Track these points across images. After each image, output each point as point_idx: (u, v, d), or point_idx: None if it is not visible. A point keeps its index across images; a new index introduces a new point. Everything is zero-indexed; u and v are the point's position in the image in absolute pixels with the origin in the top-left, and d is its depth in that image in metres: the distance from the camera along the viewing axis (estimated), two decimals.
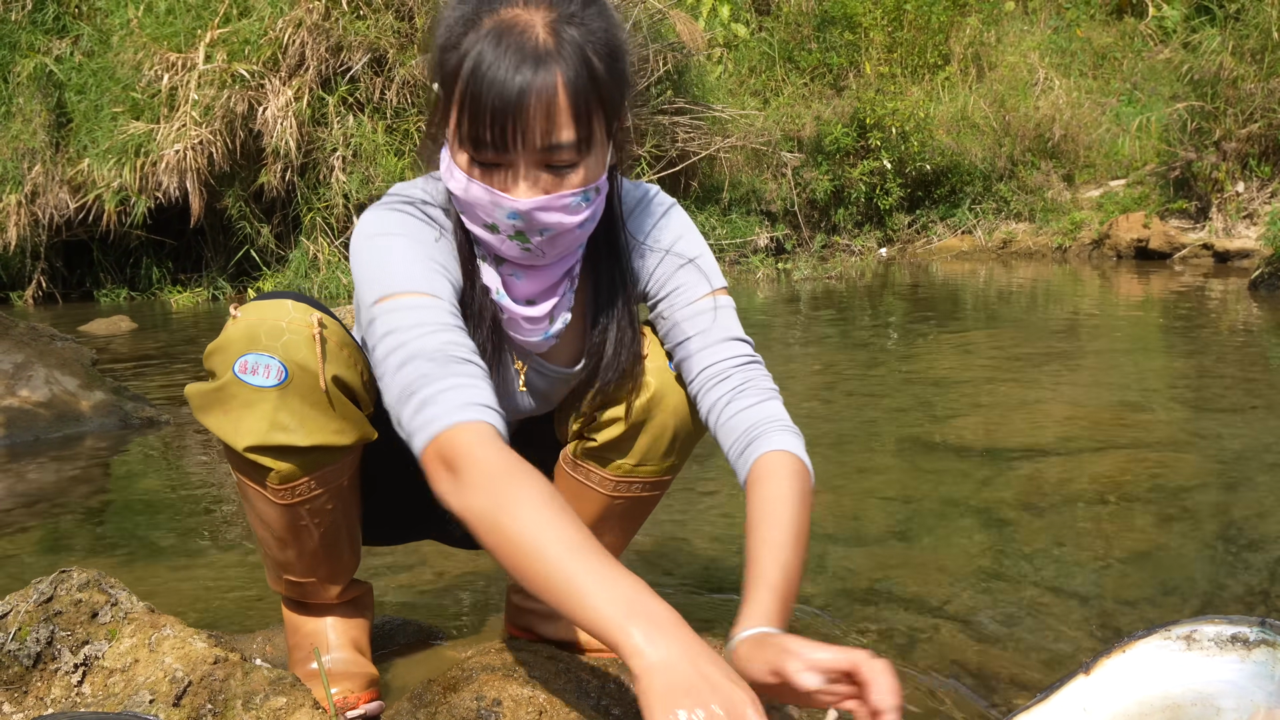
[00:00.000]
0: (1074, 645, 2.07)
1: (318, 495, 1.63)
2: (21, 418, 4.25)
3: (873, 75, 11.04)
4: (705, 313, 1.64)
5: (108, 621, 1.56)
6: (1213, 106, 9.29)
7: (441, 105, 1.46)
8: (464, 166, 1.45)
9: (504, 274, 1.58)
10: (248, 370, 1.51)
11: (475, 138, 1.40)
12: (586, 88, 1.40)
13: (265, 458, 1.56)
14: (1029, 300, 7.49)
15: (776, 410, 1.59)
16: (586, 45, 1.41)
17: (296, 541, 1.68)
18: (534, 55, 1.37)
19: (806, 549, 1.48)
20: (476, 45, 1.38)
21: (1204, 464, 3.25)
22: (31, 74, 9.63)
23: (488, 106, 1.37)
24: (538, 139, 1.39)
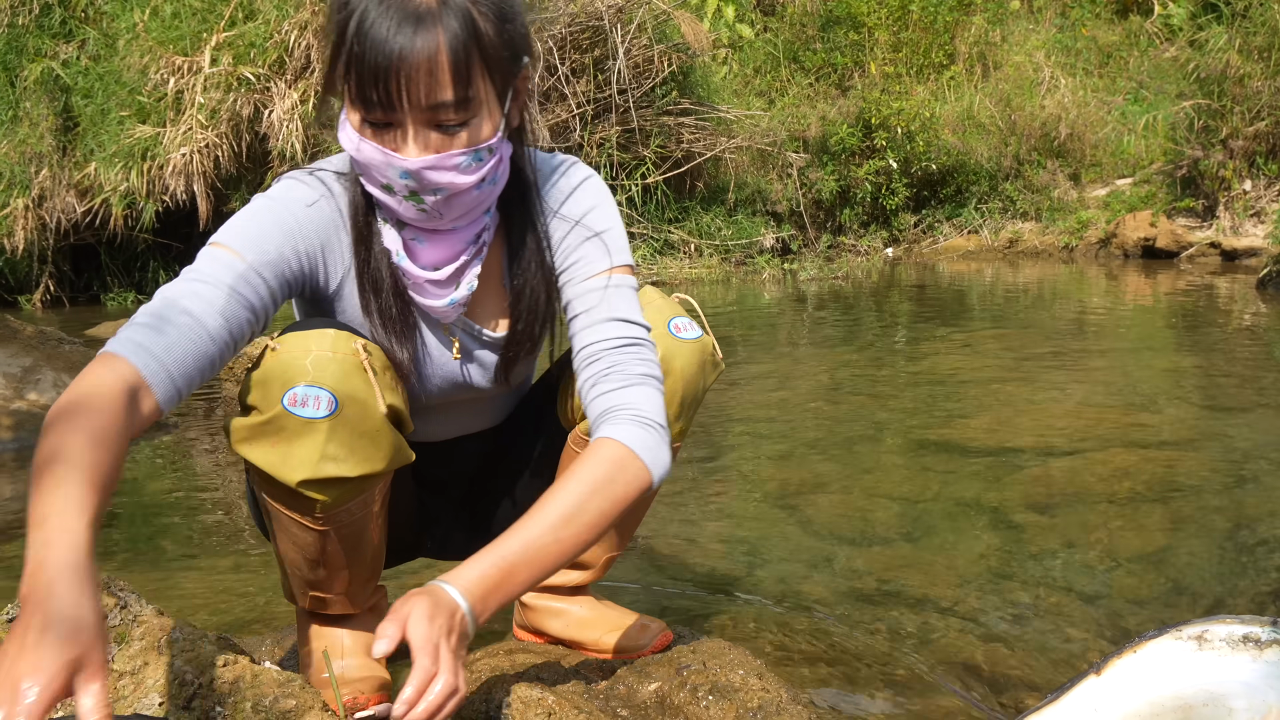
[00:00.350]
0: (1084, 645, 2.06)
1: (359, 518, 1.62)
2: (30, 421, 4.25)
3: (878, 75, 11.03)
4: (596, 290, 1.61)
5: (117, 624, 1.56)
6: (1219, 104, 9.27)
7: (330, 64, 1.46)
8: (356, 126, 1.46)
9: (406, 238, 1.58)
10: (297, 403, 1.49)
11: (363, 98, 1.42)
12: (469, 47, 1.41)
13: (311, 490, 1.53)
14: (1036, 300, 7.48)
15: (633, 397, 1.54)
16: (472, 5, 1.42)
17: (328, 561, 1.67)
18: (415, 14, 1.39)
19: (587, 531, 1.44)
20: (362, 4, 1.40)
21: (1213, 463, 3.24)
22: (38, 78, 9.65)
23: (371, 66, 1.39)
24: (422, 98, 1.40)
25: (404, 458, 1.61)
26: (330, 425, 1.50)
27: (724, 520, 2.96)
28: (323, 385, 1.49)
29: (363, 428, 1.52)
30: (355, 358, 1.52)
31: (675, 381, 1.70)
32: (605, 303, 1.60)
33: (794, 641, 2.09)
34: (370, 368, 1.53)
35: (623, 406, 1.53)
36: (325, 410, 1.49)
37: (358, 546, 1.68)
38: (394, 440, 1.58)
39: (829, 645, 2.07)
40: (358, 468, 1.53)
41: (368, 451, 1.54)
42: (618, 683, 1.73)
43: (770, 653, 2.02)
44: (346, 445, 1.52)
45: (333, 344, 1.52)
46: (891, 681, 1.92)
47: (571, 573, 1.91)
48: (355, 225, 1.59)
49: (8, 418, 4.22)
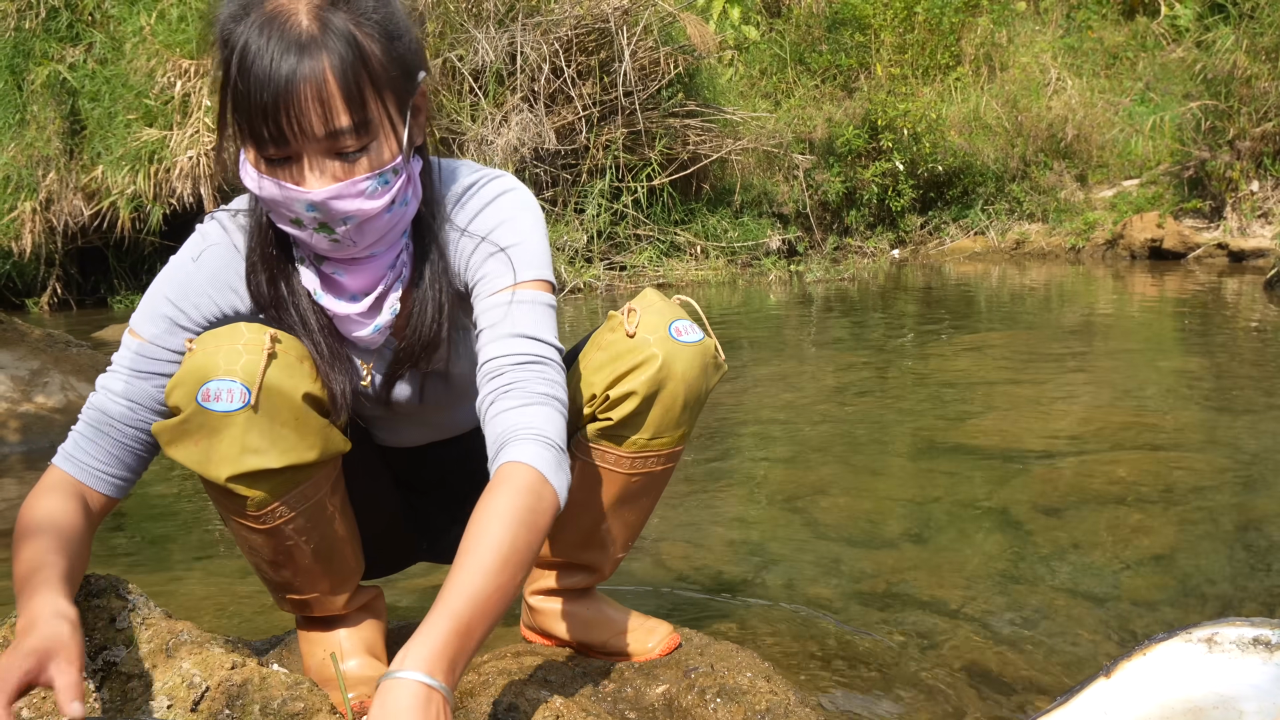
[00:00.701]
0: (1093, 648, 2.06)
1: (298, 514, 1.60)
2: (37, 423, 4.26)
3: (884, 77, 11.02)
4: (500, 306, 1.56)
5: (125, 627, 1.57)
6: (1227, 105, 9.25)
7: (222, 106, 1.45)
8: (254, 163, 1.44)
9: (327, 272, 1.57)
10: (210, 398, 1.48)
11: (255, 135, 1.39)
12: (357, 70, 1.39)
13: (239, 485, 1.53)
14: (1043, 301, 7.47)
15: (533, 417, 1.48)
16: (356, 27, 1.40)
17: (290, 562, 1.66)
18: (298, 43, 1.36)
19: (521, 569, 1.38)
20: (242, 39, 1.37)
21: (1221, 464, 3.23)
22: (45, 82, 9.67)
23: (258, 101, 1.36)
24: (315, 128, 1.38)
25: (334, 447, 1.58)
26: (246, 417, 1.49)
27: (732, 522, 2.95)
28: (234, 378, 1.48)
29: (281, 417, 1.51)
30: (265, 348, 1.50)
31: (677, 385, 1.68)
32: (508, 318, 1.55)
33: (802, 644, 2.08)
34: (271, 355, 1.50)
35: (525, 427, 1.47)
36: (239, 403, 1.48)
37: (317, 545, 1.66)
38: (319, 428, 1.55)
39: (837, 647, 2.07)
40: (281, 458, 1.52)
41: (290, 441, 1.52)
42: (625, 685, 1.73)
43: (778, 655, 2.02)
44: (267, 436, 1.50)
45: (244, 336, 1.51)
46: (900, 684, 1.92)
47: (578, 575, 1.91)
48: (266, 264, 1.57)
49: (15, 420, 4.23)
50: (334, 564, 1.71)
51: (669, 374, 1.66)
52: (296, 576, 1.69)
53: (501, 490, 1.42)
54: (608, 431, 1.73)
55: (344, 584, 1.76)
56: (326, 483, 1.63)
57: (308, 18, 1.37)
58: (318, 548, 1.66)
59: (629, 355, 1.66)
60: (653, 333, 1.66)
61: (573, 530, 1.84)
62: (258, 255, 1.56)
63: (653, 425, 1.70)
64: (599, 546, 1.85)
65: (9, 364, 4.40)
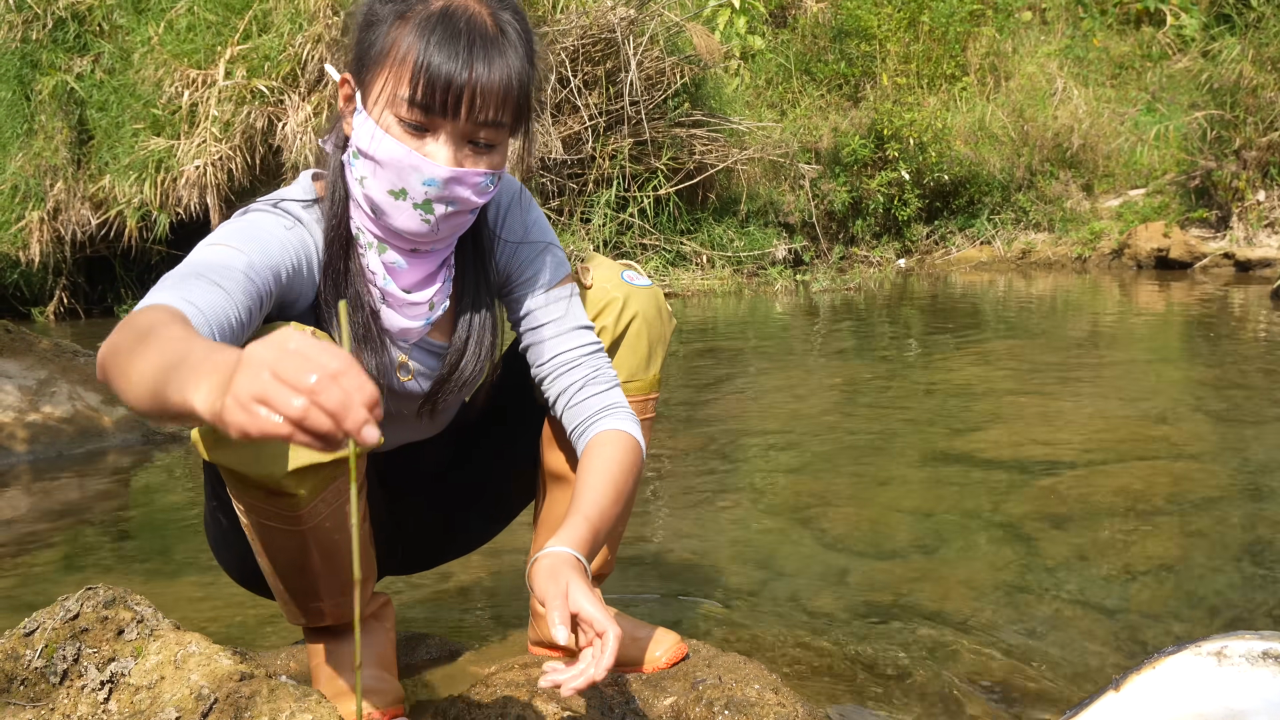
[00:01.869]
0: (1100, 660, 2.05)
1: (336, 508, 1.63)
2: (45, 433, 4.27)
3: (890, 86, 11.03)
4: (562, 300, 1.74)
5: (134, 638, 1.57)
6: (1232, 115, 9.24)
7: (365, 76, 1.54)
8: (391, 130, 1.51)
9: (387, 263, 1.64)
10: None
11: (424, 103, 1.48)
12: (523, 79, 1.52)
13: (291, 481, 1.54)
14: (1049, 311, 7.46)
15: (620, 397, 1.73)
16: (524, 41, 1.53)
17: (324, 562, 1.67)
18: (484, 36, 1.48)
19: (628, 510, 1.69)
20: (428, 23, 1.48)
21: (1228, 475, 3.23)
22: (53, 92, 9.70)
23: (441, 76, 1.46)
24: (475, 113, 1.49)
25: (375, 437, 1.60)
26: None
27: (738, 533, 2.95)
28: None
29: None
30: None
31: (639, 323, 1.81)
32: (570, 313, 1.74)
33: (810, 655, 2.08)
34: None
35: (618, 404, 1.72)
36: None
37: (341, 544, 1.68)
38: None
39: (845, 659, 2.06)
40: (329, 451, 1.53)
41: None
42: (633, 697, 1.73)
43: (786, 667, 2.02)
44: None
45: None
46: (907, 696, 1.92)
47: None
48: (330, 247, 1.62)
49: (23, 430, 4.24)
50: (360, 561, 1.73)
51: (631, 311, 1.80)
52: (319, 580, 1.70)
53: (612, 445, 1.66)
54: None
55: (361, 587, 1.77)
56: (360, 477, 1.65)
57: (489, 19, 1.50)
58: (341, 550, 1.67)
59: (592, 302, 1.80)
60: (608, 280, 1.80)
61: (567, 500, 1.85)
62: (335, 230, 1.62)
63: (625, 366, 1.82)
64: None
65: (16, 374, 4.41)
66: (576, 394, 1.71)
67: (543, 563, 1.51)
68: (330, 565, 1.69)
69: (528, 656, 1.97)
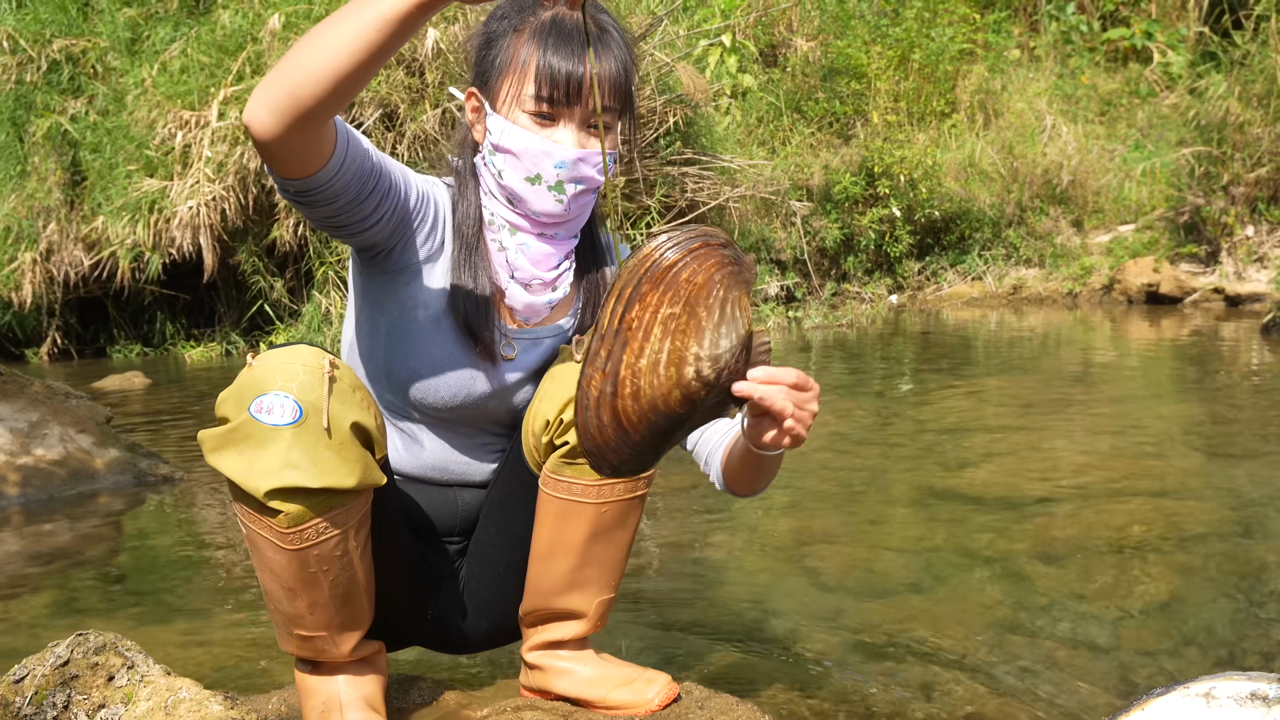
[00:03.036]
0: (1093, 698, 2.05)
1: (326, 540, 1.63)
2: (36, 476, 4.26)
3: (880, 124, 11.10)
4: None
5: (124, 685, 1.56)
6: (1220, 151, 9.31)
7: (491, 85, 1.77)
8: (520, 123, 1.73)
9: (518, 244, 1.82)
10: (263, 410, 1.55)
11: (550, 96, 1.71)
12: (629, 69, 1.76)
13: (276, 500, 1.58)
14: (1040, 346, 7.49)
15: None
16: (622, 37, 1.77)
17: (307, 591, 1.68)
18: (594, 35, 1.72)
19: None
20: (541, 30, 1.72)
21: (1221, 511, 3.23)
22: (47, 133, 9.73)
23: (562, 70, 1.70)
24: (603, 98, 1.73)
25: (372, 478, 1.65)
26: (294, 433, 1.56)
27: (731, 571, 2.95)
28: (289, 394, 1.56)
29: (327, 440, 1.58)
30: (323, 371, 1.59)
31: None
32: None
33: (802, 695, 2.08)
34: (330, 378, 1.60)
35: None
36: (290, 418, 1.56)
37: (335, 577, 1.68)
38: (361, 458, 1.63)
39: (837, 699, 2.06)
40: (320, 478, 1.58)
41: (331, 464, 1.59)
42: None
43: (779, 708, 2.01)
44: (309, 455, 1.57)
45: (304, 358, 1.60)
46: None
47: (567, 624, 1.91)
48: (463, 223, 1.82)
49: (14, 473, 4.23)
50: (348, 603, 1.73)
51: None
52: (311, 611, 1.70)
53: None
54: (568, 458, 1.77)
55: (352, 627, 1.77)
56: (355, 515, 1.67)
57: (592, 22, 1.73)
58: (336, 580, 1.68)
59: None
60: None
61: (552, 575, 1.85)
62: (469, 211, 1.83)
63: None
64: (579, 589, 1.86)
65: (8, 416, 4.40)
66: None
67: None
68: (321, 598, 1.69)
69: (520, 700, 1.96)
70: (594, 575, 1.85)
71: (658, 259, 1.33)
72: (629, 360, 1.34)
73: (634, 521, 1.86)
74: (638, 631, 2.50)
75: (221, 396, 1.60)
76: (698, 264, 1.34)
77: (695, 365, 1.35)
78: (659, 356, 1.34)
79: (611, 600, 1.92)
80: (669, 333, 1.33)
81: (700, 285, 1.34)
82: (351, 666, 1.82)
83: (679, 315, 1.34)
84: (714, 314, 1.36)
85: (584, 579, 1.85)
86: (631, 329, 1.33)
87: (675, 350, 1.34)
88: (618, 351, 1.33)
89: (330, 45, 1.42)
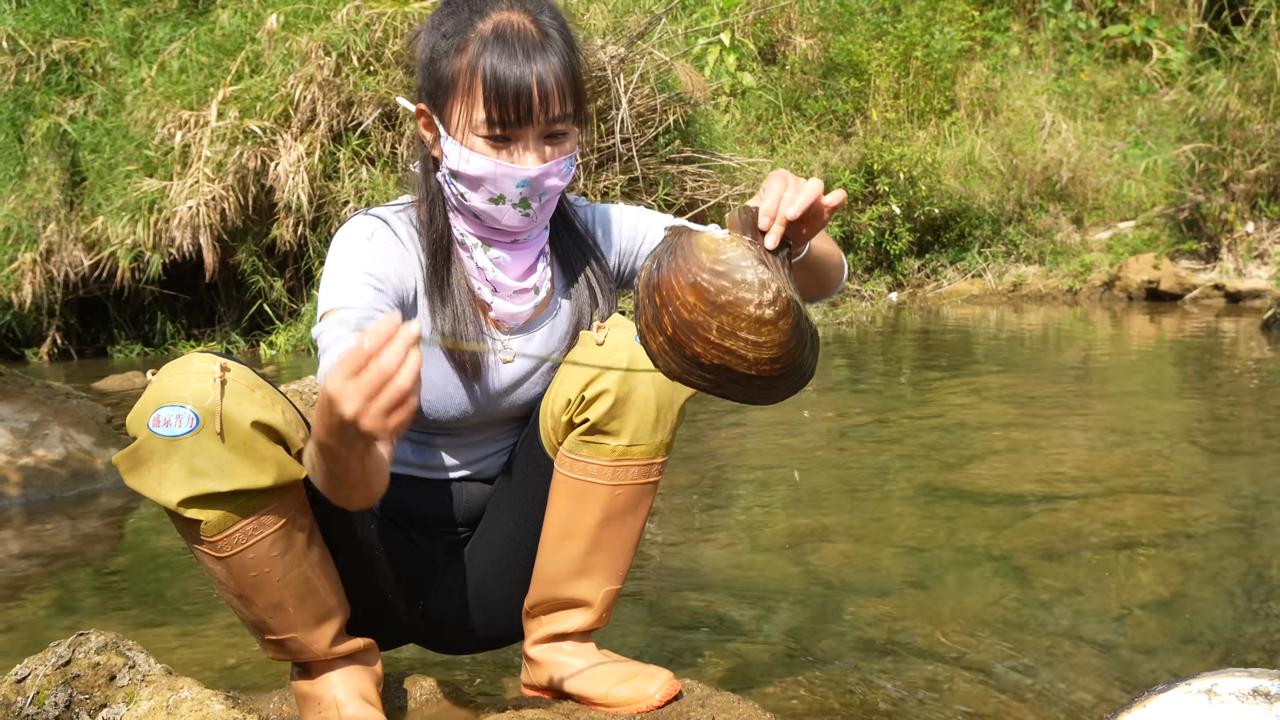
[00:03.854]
0: (1095, 696, 2.05)
1: (258, 542, 1.64)
2: (37, 476, 4.26)
3: (879, 121, 11.10)
4: (673, 224, 1.90)
5: (126, 684, 1.57)
6: (1220, 148, 9.31)
7: (441, 106, 1.73)
8: (475, 146, 1.69)
9: (493, 259, 1.81)
10: (161, 424, 1.57)
11: (500, 120, 1.66)
12: (574, 68, 1.71)
13: (193, 509, 1.59)
14: (1041, 343, 7.49)
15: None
16: (564, 37, 1.72)
17: (257, 595, 1.69)
18: (535, 46, 1.67)
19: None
20: (482, 47, 1.66)
21: (1222, 508, 3.23)
22: (46, 134, 9.73)
23: (509, 92, 1.65)
24: (548, 113, 1.68)
25: (289, 474, 1.66)
26: (193, 441, 1.57)
27: (732, 569, 2.95)
28: (184, 403, 1.57)
29: (230, 442, 1.59)
30: (213, 376, 1.60)
31: (647, 386, 1.79)
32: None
33: (803, 693, 2.08)
34: (221, 381, 1.60)
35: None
36: (187, 427, 1.57)
37: (282, 577, 1.68)
38: (271, 454, 1.63)
39: (839, 697, 2.06)
40: (229, 482, 1.59)
41: (239, 467, 1.59)
42: None
43: (780, 706, 2.01)
44: (214, 460, 1.58)
45: (196, 365, 1.61)
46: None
47: (573, 615, 1.91)
48: (433, 257, 1.79)
49: (16, 473, 4.23)
50: (307, 599, 1.73)
51: (637, 375, 1.79)
52: (269, 613, 1.71)
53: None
54: (587, 436, 1.79)
55: (320, 623, 1.77)
56: (286, 513, 1.66)
57: (532, 26, 1.69)
58: (284, 579, 1.69)
59: (599, 361, 1.80)
60: (620, 340, 1.79)
61: (561, 559, 1.85)
62: (436, 242, 1.80)
63: (629, 429, 1.78)
64: (588, 576, 1.87)
65: (9, 416, 4.40)
66: None
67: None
68: (266, 599, 1.70)
69: (521, 698, 1.96)
70: (603, 562, 1.86)
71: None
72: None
73: (644, 510, 1.86)
74: (639, 629, 2.50)
75: (129, 417, 1.61)
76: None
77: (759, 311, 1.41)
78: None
79: (617, 593, 1.92)
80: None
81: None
82: (341, 664, 1.83)
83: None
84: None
85: (593, 565, 1.85)
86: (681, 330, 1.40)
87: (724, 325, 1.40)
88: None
89: (340, 486, 1.45)
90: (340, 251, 1.74)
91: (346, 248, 1.74)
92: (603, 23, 9.38)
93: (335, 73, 8.77)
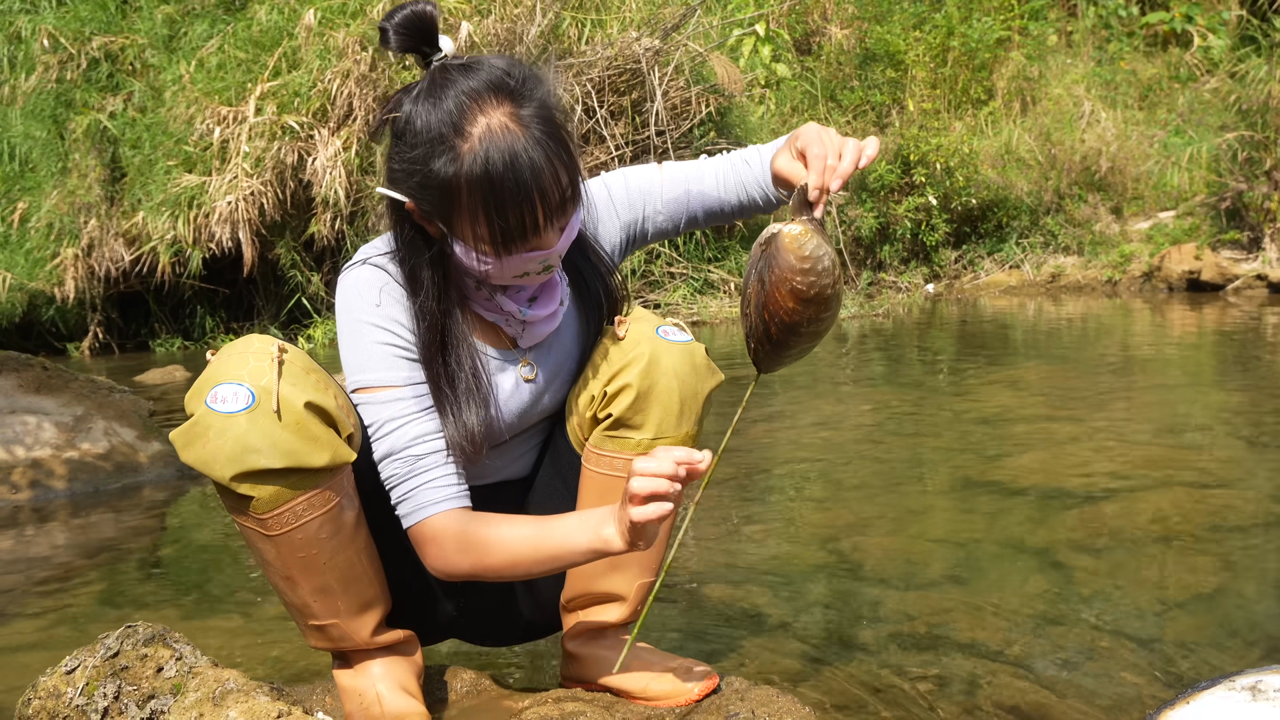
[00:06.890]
0: (1136, 691, 2.04)
1: (308, 522, 1.66)
2: (82, 470, 4.32)
3: (916, 112, 11.04)
4: (678, 175, 1.97)
5: (173, 676, 1.59)
6: (1263, 136, 9.20)
7: (440, 211, 1.66)
8: (490, 253, 1.66)
9: (518, 301, 1.80)
10: (218, 400, 1.60)
11: (511, 233, 1.63)
12: (564, 145, 1.65)
13: (242, 485, 1.61)
14: (1080, 335, 7.43)
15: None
16: (545, 116, 1.64)
17: (304, 577, 1.71)
18: (524, 150, 1.60)
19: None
20: (471, 166, 1.59)
21: (1264, 502, 3.20)
22: (87, 130, 9.84)
23: (516, 209, 1.61)
24: (555, 217, 1.66)
25: (341, 456, 1.68)
26: (249, 418, 1.60)
27: (769, 563, 2.95)
28: (240, 381, 1.61)
29: (285, 420, 1.61)
30: (271, 357, 1.63)
31: (669, 379, 1.80)
32: (687, 166, 1.99)
33: (842, 687, 2.08)
34: (279, 361, 1.64)
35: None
36: (243, 404, 1.60)
37: (329, 560, 1.70)
38: (324, 435, 1.66)
39: (877, 691, 2.06)
40: (281, 459, 1.61)
41: (292, 445, 1.62)
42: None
43: (819, 699, 2.01)
44: (268, 437, 1.60)
45: (254, 346, 1.65)
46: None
47: (608, 608, 1.92)
48: (431, 317, 1.75)
49: (61, 467, 4.29)
50: (352, 585, 1.75)
51: (659, 368, 1.79)
52: (314, 597, 1.73)
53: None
54: (612, 431, 1.81)
55: (363, 611, 1.78)
56: (336, 495, 1.69)
57: (514, 124, 1.61)
58: (331, 562, 1.70)
59: (620, 355, 1.81)
60: (641, 334, 1.81)
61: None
62: (428, 311, 1.75)
63: (654, 422, 1.80)
64: (620, 570, 1.88)
65: (54, 410, 4.46)
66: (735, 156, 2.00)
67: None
68: (312, 582, 1.72)
69: (560, 691, 1.98)
70: (635, 555, 1.86)
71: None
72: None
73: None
74: (677, 622, 2.51)
75: (187, 395, 1.65)
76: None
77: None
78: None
79: (652, 584, 1.92)
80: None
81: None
82: (381, 654, 1.85)
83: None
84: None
85: (626, 558, 1.87)
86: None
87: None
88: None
89: (533, 566, 1.67)
90: (353, 317, 1.73)
91: (358, 313, 1.73)
92: (638, 15, 9.38)
93: (371, 68, 8.82)
